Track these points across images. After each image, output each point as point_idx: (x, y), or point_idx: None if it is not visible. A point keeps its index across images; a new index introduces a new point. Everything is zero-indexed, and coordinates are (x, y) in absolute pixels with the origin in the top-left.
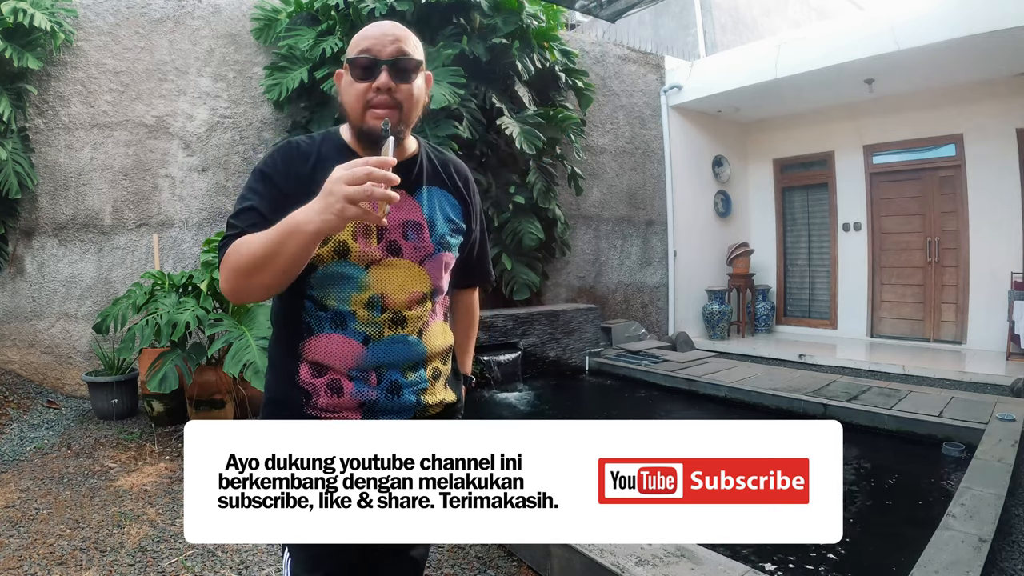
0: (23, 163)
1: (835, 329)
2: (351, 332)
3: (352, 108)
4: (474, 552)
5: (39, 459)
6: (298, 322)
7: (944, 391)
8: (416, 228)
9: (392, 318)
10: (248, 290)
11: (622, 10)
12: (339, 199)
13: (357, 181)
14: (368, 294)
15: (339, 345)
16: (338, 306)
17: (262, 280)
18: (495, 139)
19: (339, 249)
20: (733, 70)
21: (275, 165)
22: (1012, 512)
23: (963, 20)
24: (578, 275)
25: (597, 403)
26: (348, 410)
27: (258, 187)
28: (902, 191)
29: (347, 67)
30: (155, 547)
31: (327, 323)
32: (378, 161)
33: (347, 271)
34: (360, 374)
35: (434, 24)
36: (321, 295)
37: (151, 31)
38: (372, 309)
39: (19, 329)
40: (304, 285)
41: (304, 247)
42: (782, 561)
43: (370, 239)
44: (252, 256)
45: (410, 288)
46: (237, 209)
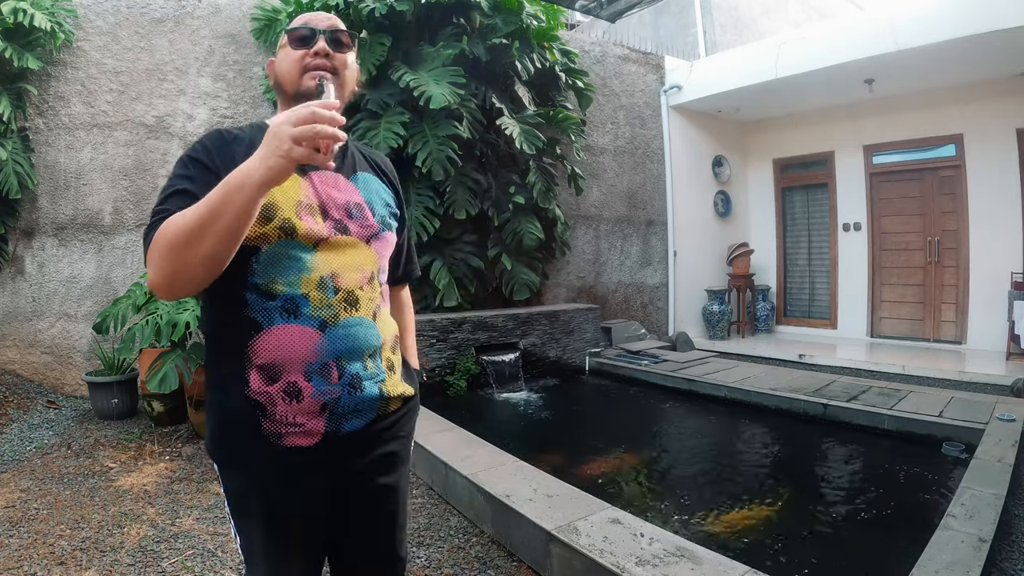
0: (23, 163)
1: (835, 329)
2: (305, 319)
3: (289, 74)
4: (474, 552)
5: (39, 459)
6: (242, 321)
7: (944, 391)
8: (359, 208)
9: (346, 299)
10: (185, 270)
11: (622, 10)
12: (285, 139)
13: (303, 121)
14: (319, 274)
15: (294, 336)
16: (288, 290)
17: (203, 250)
18: (495, 139)
19: (285, 227)
20: (733, 70)
21: (205, 150)
22: (1012, 512)
23: (963, 20)
24: (578, 275)
25: (597, 403)
26: (309, 416)
27: (186, 171)
28: (902, 191)
29: (284, 42)
30: (155, 547)
31: (277, 313)
32: (322, 103)
33: (294, 251)
34: (319, 368)
35: (434, 24)
36: (267, 281)
37: (151, 31)
38: (325, 290)
39: (19, 329)
40: (246, 274)
41: (250, 202)
42: (782, 560)
43: (315, 217)
44: (189, 225)
45: (360, 266)
46: (164, 196)
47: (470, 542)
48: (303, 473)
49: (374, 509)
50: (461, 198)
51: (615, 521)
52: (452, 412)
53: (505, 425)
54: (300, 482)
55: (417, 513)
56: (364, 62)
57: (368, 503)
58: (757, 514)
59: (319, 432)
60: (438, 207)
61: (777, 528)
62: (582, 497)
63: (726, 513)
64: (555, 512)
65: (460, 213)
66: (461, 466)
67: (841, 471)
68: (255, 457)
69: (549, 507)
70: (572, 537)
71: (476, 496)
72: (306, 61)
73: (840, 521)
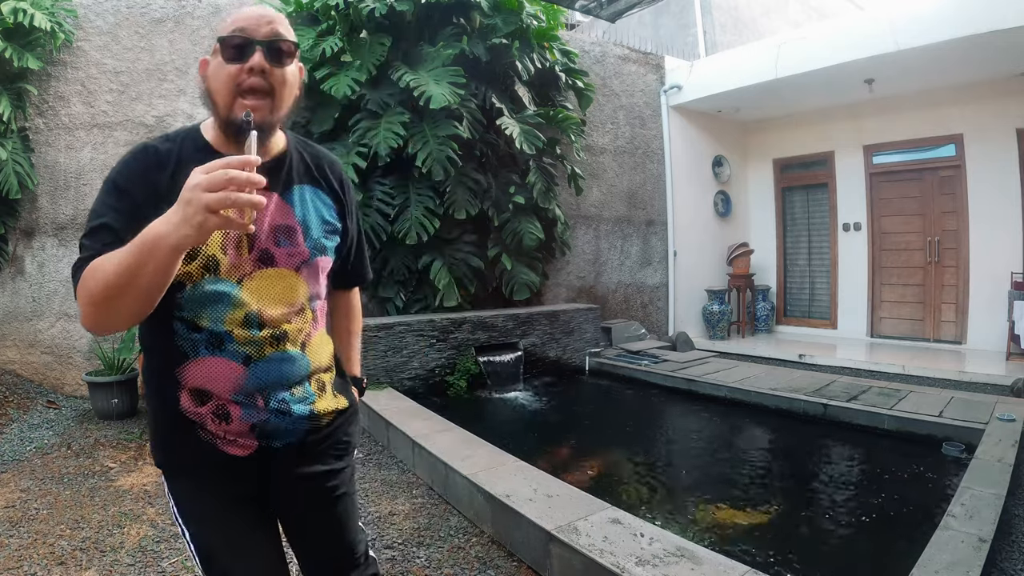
0: (23, 163)
1: (835, 329)
2: (230, 353)
3: (220, 94)
4: (474, 552)
5: (39, 459)
6: (170, 348)
7: (944, 391)
8: (289, 233)
9: (273, 334)
10: (110, 320)
11: (622, 10)
12: (198, 210)
13: (216, 187)
14: (243, 311)
15: (219, 368)
16: (212, 326)
17: (124, 306)
18: (495, 139)
19: (208, 265)
20: (733, 70)
21: (129, 176)
22: (1012, 512)
23: (963, 20)
24: (578, 275)
25: (597, 403)
26: (240, 435)
27: (110, 200)
28: (902, 191)
29: (217, 48)
30: (155, 547)
31: (202, 346)
32: (240, 161)
33: (219, 288)
34: (245, 399)
35: (434, 24)
36: (192, 316)
37: (151, 31)
38: (250, 327)
39: (19, 329)
40: (171, 306)
41: (165, 265)
42: (782, 561)
43: (240, 250)
44: (107, 281)
45: (288, 299)
46: (89, 227)
47: (470, 542)
48: (243, 478)
49: (321, 512)
50: (461, 198)
51: (615, 521)
52: (452, 412)
53: (505, 425)
54: (243, 479)
55: (417, 513)
56: (364, 62)
57: (314, 506)
58: (757, 514)
59: (252, 446)
60: (438, 207)
61: (777, 528)
62: (582, 497)
63: (726, 513)
64: (555, 512)
65: (460, 213)
66: (461, 466)
67: (841, 471)
68: (197, 459)
69: (549, 507)
70: (572, 537)
71: (476, 496)
72: (240, 79)
73: (840, 521)
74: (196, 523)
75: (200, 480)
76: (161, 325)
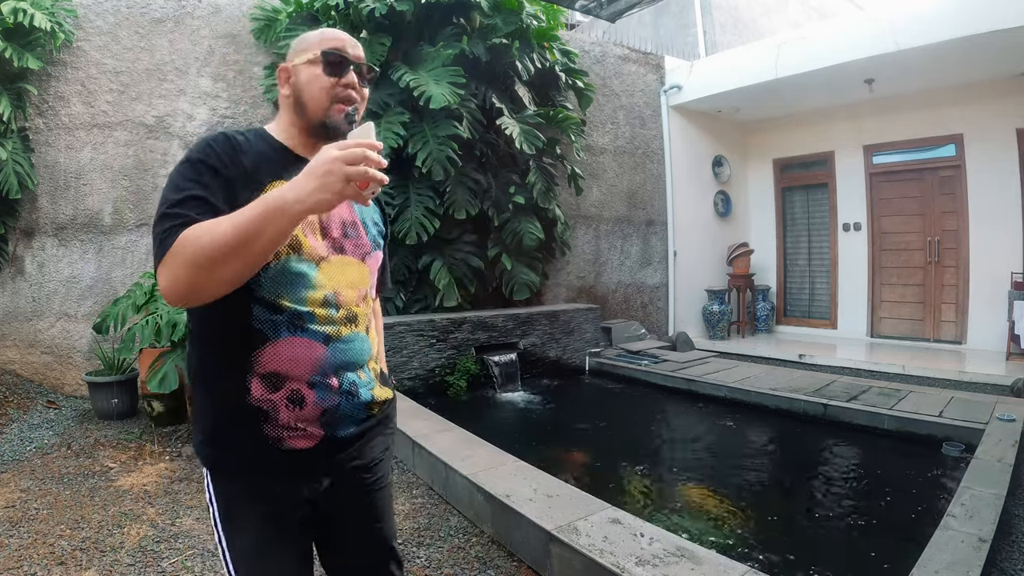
0: (23, 163)
1: (835, 329)
2: (311, 333)
3: (316, 100)
4: (474, 552)
5: (39, 459)
6: (248, 331)
7: (944, 391)
8: (354, 227)
9: (347, 315)
10: (208, 284)
11: (622, 10)
12: (339, 178)
13: (356, 160)
14: (322, 292)
15: (301, 348)
16: (295, 307)
17: (230, 269)
18: (495, 139)
19: (292, 243)
20: (733, 70)
21: (218, 156)
22: (1012, 512)
23: (963, 20)
24: (578, 275)
25: (597, 403)
26: (309, 422)
27: (196, 176)
28: (902, 191)
29: (314, 61)
30: (155, 547)
31: (284, 327)
32: (370, 144)
33: (301, 268)
34: (322, 379)
35: (434, 24)
36: (273, 296)
37: (151, 31)
38: (329, 307)
39: (19, 329)
40: (252, 287)
41: (287, 229)
42: (782, 560)
43: (316, 235)
44: (219, 242)
45: (357, 284)
46: (174, 200)
47: (470, 542)
48: (301, 474)
49: (368, 502)
50: (461, 198)
51: (615, 521)
52: (452, 412)
53: (505, 425)
54: (297, 483)
55: (417, 513)
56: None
57: (362, 497)
58: (757, 514)
59: (318, 435)
60: (438, 207)
61: (777, 528)
62: (582, 497)
63: (726, 513)
64: (555, 512)
65: (460, 213)
66: (461, 466)
67: (841, 471)
68: (252, 460)
69: (549, 507)
70: (572, 537)
71: (476, 496)
72: (336, 91)
73: (840, 521)
74: (236, 528)
75: (253, 485)
76: (237, 309)
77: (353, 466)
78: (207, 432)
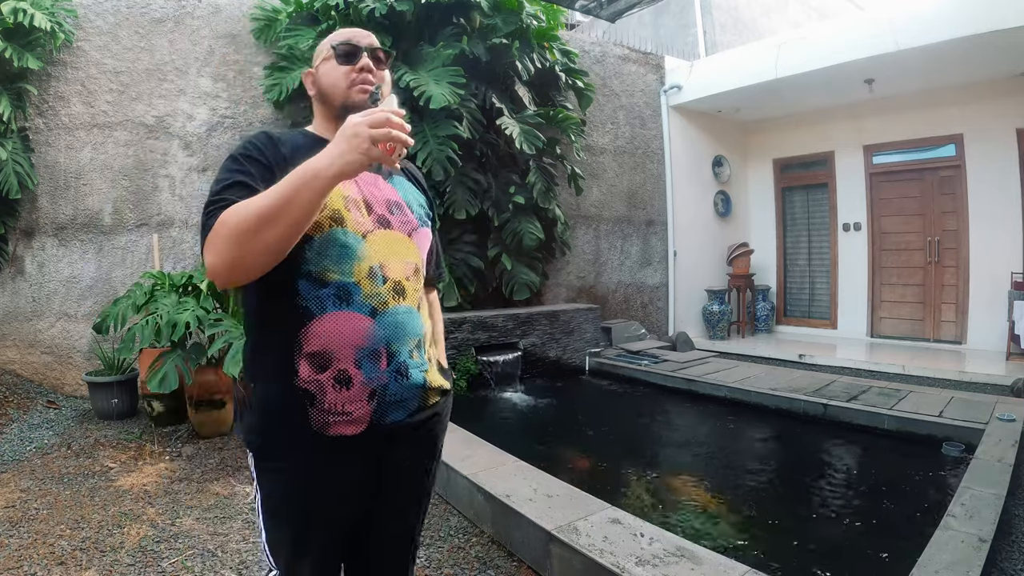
0: (23, 163)
1: (835, 329)
2: (357, 305)
3: (336, 86)
4: (474, 552)
5: (39, 459)
6: (294, 309)
7: (944, 391)
8: (398, 206)
9: (394, 288)
10: (247, 257)
11: (622, 10)
12: (364, 140)
13: (379, 124)
14: (368, 264)
15: (347, 322)
16: (340, 279)
17: (269, 237)
18: (495, 139)
19: (335, 216)
20: (733, 70)
21: (258, 148)
22: (1012, 512)
23: (963, 20)
24: (578, 275)
25: (597, 403)
26: (357, 403)
27: (242, 167)
28: (902, 191)
29: (328, 57)
30: (155, 547)
31: (329, 301)
32: (392, 110)
33: (347, 239)
34: (369, 354)
35: (434, 24)
36: (319, 269)
37: (151, 31)
38: (374, 280)
39: (19, 329)
40: (298, 262)
41: (320, 194)
42: (782, 560)
43: (361, 211)
44: (258, 211)
45: (405, 258)
46: (219, 187)
47: (470, 542)
48: (346, 463)
49: (407, 495)
50: (461, 198)
51: (615, 521)
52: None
53: (505, 425)
54: (342, 473)
55: None
56: None
57: (402, 490)
58: (757, 514)
59: (365, 420)
60: (438, 207)
61: (777, 528)
62: (582, 497)
63: (726, 513)
64: (555, 512)
65: (460, 213)
66: (461, 466)
67: (841, 471)
68: (299, 448)
69: (549, 507)
70: (572, 537)
71: (476, 496)
72: (352, 76)
73: (840, 521)
74: (278, 517)
75: (295, 472)
76: (283, 286)
77: (399, 458)
78: (255, 419)
